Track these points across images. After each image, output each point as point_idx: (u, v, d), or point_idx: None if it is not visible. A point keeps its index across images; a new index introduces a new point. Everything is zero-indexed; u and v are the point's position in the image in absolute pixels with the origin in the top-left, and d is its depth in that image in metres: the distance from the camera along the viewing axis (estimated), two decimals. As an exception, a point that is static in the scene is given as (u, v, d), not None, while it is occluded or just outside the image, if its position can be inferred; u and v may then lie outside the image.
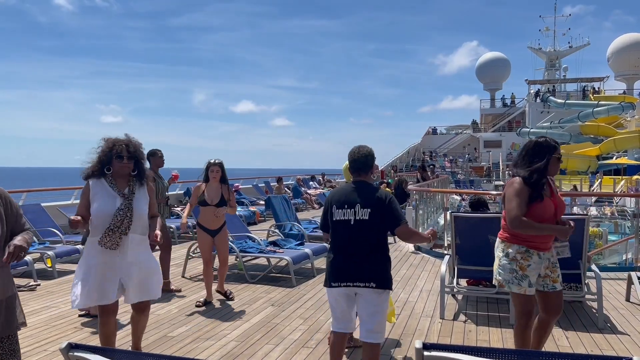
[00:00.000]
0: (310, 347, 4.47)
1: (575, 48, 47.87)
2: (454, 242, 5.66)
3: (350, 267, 3.34)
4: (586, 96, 40.88)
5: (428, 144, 45.53)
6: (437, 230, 12.02)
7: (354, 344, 4.33)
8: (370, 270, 3.30)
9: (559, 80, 46.17)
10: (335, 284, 3.37)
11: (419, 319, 5.29)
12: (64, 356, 1.88)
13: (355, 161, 3.48)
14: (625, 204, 14.72)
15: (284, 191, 17.57)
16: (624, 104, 31.89)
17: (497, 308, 5.63)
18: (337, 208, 3.39)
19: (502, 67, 50.13)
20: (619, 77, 44.52)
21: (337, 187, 3.52)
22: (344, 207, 3.37)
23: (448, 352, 1.73)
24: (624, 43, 43.57)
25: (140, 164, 3.82)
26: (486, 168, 38.52)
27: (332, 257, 3.44)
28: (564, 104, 37.11)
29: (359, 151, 3.50)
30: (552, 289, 3.65)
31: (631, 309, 5.63)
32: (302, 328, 4.98)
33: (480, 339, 4.75)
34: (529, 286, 3.57)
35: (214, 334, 4.81)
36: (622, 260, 10.19)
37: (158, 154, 6.53)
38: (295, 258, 6.96)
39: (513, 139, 42.27)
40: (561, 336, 4.78)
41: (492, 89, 50.30)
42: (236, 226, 8.22)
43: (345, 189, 3.48)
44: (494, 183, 31.88)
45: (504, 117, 46.61)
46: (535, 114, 41.63)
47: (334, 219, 3.40)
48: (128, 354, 1.92)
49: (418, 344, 1.76)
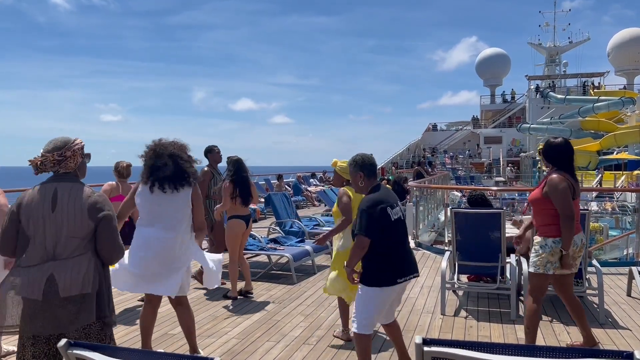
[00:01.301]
0: (311, 344, 4.46)
1: (575, 43, 47.79)
2: (454, 238, 5.65)
3: (411, 260, 3.60)
4: (586, 91, 40.79)
5: (428, 141, 45.49)
6: (438, 226, 12.05)
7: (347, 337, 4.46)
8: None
9: (559, 76, 46.08)
10: (401, 279, 3.47)
11: (420, 315, 5.28)
12: (63, 354, 1.88)
13: (373, 165, 3.69)
14: (626, 199, 14.70)
15: (284, 189, 17.57)
16: (624, 99, 31.80)
17: (498, 304, 5.62)
18: (392, 208, 3.48)
19: (502, 63, 50.09)
20: (619, 72, 44.43)
21: (376, 193, 3.51)
22: (394, 207, 3.51)
23: (447, 347, 1.73)
24: (624, 38, 43.48)
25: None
26: (487, 164, 38.52)
27: (391, 255, 3.47)
28: (564, 99, 37.02)
29: (370, 157, 3.71)
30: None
31: (632, 303, 5.62)
32: (303, 325, 4.98)
33: (481, 334, 4.75)
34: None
35: (215, 331, 4.81)
36: (622, 255, 10.20)
37: (215, 150, 6.54)
38: (295, 255, 6.96)
39: (513, 135, 42.25)
40: (562, 331, 4.77)
41: (492, 85, 50.26)
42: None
43: (383, 190, 3.59)
44: (494, 179, 31.88)
45: (504, 113, 46.57)
46: (535, 109, 41.56)
47: (392, 218, 3.46)
48: (126, 351, 1.91)
49: (418, 339, 1.76)
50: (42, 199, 2.76)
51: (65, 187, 2.80)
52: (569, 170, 3.98)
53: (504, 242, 5.44)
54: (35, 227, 2.73)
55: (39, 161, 2.83)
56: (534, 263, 4.00)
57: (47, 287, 2.68)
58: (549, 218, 3.94)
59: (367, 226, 3.40)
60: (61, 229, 2.73)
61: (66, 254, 2.73)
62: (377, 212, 3.41)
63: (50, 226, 2.72)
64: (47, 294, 2.67)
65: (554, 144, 4.06)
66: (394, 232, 3.49)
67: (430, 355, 1.74)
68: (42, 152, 2.85)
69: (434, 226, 12.09)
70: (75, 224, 2.74)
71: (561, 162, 3.99)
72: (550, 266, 3.92)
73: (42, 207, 2.74)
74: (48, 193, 2.78)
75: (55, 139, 2.90)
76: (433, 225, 12.11)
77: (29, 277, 2.69)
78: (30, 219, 2.74)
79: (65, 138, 2.90)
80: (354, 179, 3.66)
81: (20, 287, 2.70)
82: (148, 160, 3.85)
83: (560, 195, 3.84)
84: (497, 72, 49.78)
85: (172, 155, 3.82)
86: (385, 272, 3.44)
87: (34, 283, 2.67)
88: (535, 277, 4.02)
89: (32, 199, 2.78)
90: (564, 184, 3.86)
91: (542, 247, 3.94)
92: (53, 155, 2.82)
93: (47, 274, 2.68)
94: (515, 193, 18.60)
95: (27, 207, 2.76)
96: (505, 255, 5.48)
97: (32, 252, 2.73)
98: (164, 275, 3.84)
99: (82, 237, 2.76)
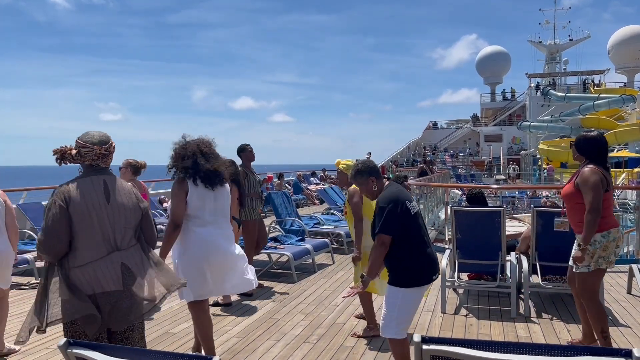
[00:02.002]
0: (311, 343, 4.47)
1: (576, 41, 47.76)
2: (454, 236, 5.65)
3: (435, 255, 3.48)
4: (587, 89, 40.77)
5: (429, 139, 45.48)
6: (438, 225, 12.05)
7: (373, 334, 4.49)
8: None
9: (559, 74, 46.07)
10: (435, 276, 3.40)
11: (420, 313, 5.28)
12: (63, 353, 1.88)
13: (376, 166, 3.68)
14: (627, 196, 14.70)
15: (284, 187, 17.57)
16: (625, 97, 31.79)
17: (499, 302, 5.62)
18: (409, 202, 3.40)
19: (503, 61, 50.05)
20: (620, 70, 44.41)
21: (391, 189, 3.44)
22: (411, 201, 3.45)
23: (446, 345, 1.73)
24: (625, 36, 43.45)
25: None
26: (487, 162, 38.49)
27: (422, 251, 3.36)
28: (564, 97, 37.01)
29: (369, 161, 3.76)
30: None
31: (632, 301, 5.62)
32: (303, 323, 4.98)
33: (481, 332, 4.75)
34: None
35: (215, 330, 4.80)
36: (623, 253, 10.18)
37: (248, 149, 6.54)
38: (296, 254, 6.96)
39: (514, 133, 42.23)
40: (562, 329, 4.77)
41: (493, 83, 50.22)
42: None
43: (396, 186, 3.51)
44: (494, 177, 31.86)
45: (505, 111, 46.55)
46: (535, 107, 41.54)
47: (412, 213, 3.37)
48: (126, 350, 1.91)
49: (416, 337, 1.76)
50: (95, 191, 2.73)
51: (111, 179, 2.83)
52: (602, 164, 3.92)
53: (504, 240, 5.44)
54: (100, 219, 2.71)
55: (74, 150, 2.76)
56: (583, 262, 3.88)
57: (125, 276, 2.73)
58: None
59: (388, 223, 3.29)
60: (118, 220, 2.76)
61: (125, 245, 2.79)
62: (398, 208, 3.31)
63: (109, 218, 2.73)
64: (127, 283, 2.73)
65: (588, 137, 4.01)
66: (417, 227, 3.41)
67: (429, 353, 1.74)
68: (83, 142, 2.78)
69: (434, 224, 12.09)
70: (128, 214, 2.80)
71: (594, 155, 3.93)
72: (603, 261, 3.85)
73: (97, 199, 2.72)
74: (98, 185, 2.75)
75: (93, 132, 2.85)
76: (433, 223, 12.11)
77: (101, 270, 2.67)
78: (90, 212, 2.69)
79: (104, 133, 2.88)
80: (367, 187, 3.56)
81: (90, 283, 2.65)
82: (199, 158, 3.70)
83: (591, 187, 3.77)
84: (497, 70, 49.75)
85: (214, 151, 3.82)
86: (419, 270, 3.34)
87: (108, 275, 2.68)
88: (591, 276, 3.90)
89: (84, 192, 2.71)
90: (596, 176, 3.80)
91: (591, 243, 3.82)
92: (101, 148, 2.80)
93: (119, 264, 2.73)
94: (516, 191, 18.59)
95: (82, 201, 2.69)
96: (506, 253, 5.48)
97: (92, 246, 2.69)
98: (238, 271, 3.84)
99: (133, 227, 2.84)
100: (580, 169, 3.94)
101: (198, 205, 3.70)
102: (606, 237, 3.84)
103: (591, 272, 3.90)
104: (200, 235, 3.69)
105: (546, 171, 27.94)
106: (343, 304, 5.63)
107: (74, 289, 2.64)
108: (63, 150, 2.77)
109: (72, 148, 2.79)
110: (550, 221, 5.61)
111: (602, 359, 1.55)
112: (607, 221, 3.88)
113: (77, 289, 2.65)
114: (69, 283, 2.65)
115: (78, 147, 2.79)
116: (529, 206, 14.99)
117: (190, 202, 3.68)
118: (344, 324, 4.97)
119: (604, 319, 3.95)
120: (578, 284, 4.02)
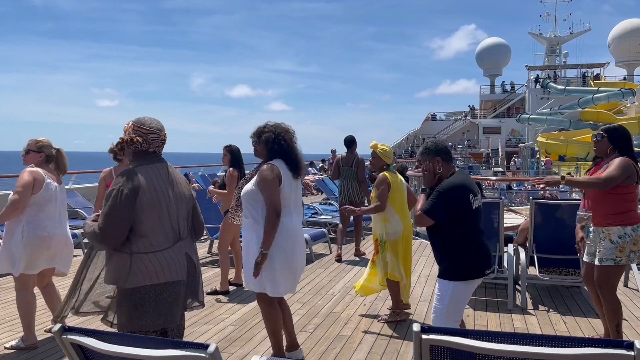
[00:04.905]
0: (308, 332, 4.46)
1: (576, 34, 47.57)
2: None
3: (490, 251, 3.46)
4: (586, 82, 40.70)
5: (427, 130, 45.41)
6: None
7: (399, 318, 4.71)
8: None
9: (559, 66, 45.92)
10: (487, 271, 3.34)
11: (417, 303, 5.28)
12: (58, 339, 1.86)
13: (448, 149, 3.48)
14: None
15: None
16: (624, 91, 31.75)
17: (495, 293, 5.63)
18: (474, 196, 3.26)
19: (503, 52, 49.85)
20: (620, 64, 44.29)
21: (459, 177, 3.27)
22: (476, 194, 3.29)
23: (445, 335, 1.71)
24: (625, 29, 43.28)
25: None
26: (485, 154, 38.48)
27: (477, 245, 3.30)
28: (563, 90, 36.94)
29: (443, 142, 3.61)
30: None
31: (629, 294, 5.63)
32: (300, 312, 4.97)
33: (478, 323, 4.75)
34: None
35: (212, 318, 4.81)
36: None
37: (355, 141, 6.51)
38: (293, 243, 6.93)
39: (512, 125, 42.17)
40: (559, 321, 4.78)
41: (492, 75, 50.08)
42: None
43: (466, 179, 3.35)
44: (492, 169, 31.87)
45: (504, 103, 46.47)
46: (535, 100, 41.47)
47: (473, 207, 3.24)
48: (121, 336, 1.90)
49: (416, 327, 1.75)
50: (162, 179, 2.69)
51: (171, 167, 2.81)
52: (634, 156, 3.79)
53: (501, 232, 5.44)
54: (168, 207, 2.67)
55: (139, 138, 2.64)
56: (610, 256, 3.76)
57: (190, 266, 2.74)
58: (620, 205, 3.75)
59: (436, 207, 3.18)
60: (181, 209, 2.75)
61: (185, 234, 2.79)
62: (455, 197, 3.19)
63: (174, 206, 2.71)
64: (190, 273, 2.75)
65: (623, 129, 3.91)
66: (477, 221, 3.31)
67: (429, 343, 1.73)
68: (149, 128, 2.67)
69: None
70: (187, 204, 2.81)
71: (627, 146, 3.82)
72: (634, 256, 3.79)
73: (165, 187, 2.68)
74: (164, 174, 2.71)
75: (148, 118, 2.74)
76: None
77: (171, 258, 2.65)
78: (161, 201, 2.63)
79: (155, 118, 2.78)
80: (429, 167, 3.33)
81: (156, 272, 2.58)
82: (289, 146, 3.56)
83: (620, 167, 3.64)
84: (497, 61, 49.55)
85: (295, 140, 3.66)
86: (472, 263, 3.26)
87: (176, 264, 2.66)
88: (614, 270, 3.84)
89: (153, 180, 2.64)
90: (629, 164, 3.67)
91: (621, 237, 3.73)
92: (165, 134, 2.76)
93: (184, 254, 2.72)
94: (514, 183, 18.59)
95: (153, 189, 2.61)
96: (503, 244, 5.47)
97: (162, 234, 2.63)
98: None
99: (188, 217, 2.83)
100: (609, 159, 3.79)
101: (288, 194, 3.53)
102: (636, 231, 3.74)
103: (615, 267, 3.82)
104: (286, 227, 3.50)
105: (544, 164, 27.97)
106: (340, 293, 5.63)
107: (160, 302, 2.61)
108: (122, 142, 2.67)
109: (132, 136, 2.64)
110: (549, 213, 5.61)
111: (603, 350, 1.54)
112: (637, 214, 3.79)
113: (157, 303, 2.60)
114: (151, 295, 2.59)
115: (144, 133, 2.66)
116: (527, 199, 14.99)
117: (283, 190, 3.49)
118: (340, 313, 4.97)
119: (619, 313, 3.93)
120: (600, 278, 3.88)
